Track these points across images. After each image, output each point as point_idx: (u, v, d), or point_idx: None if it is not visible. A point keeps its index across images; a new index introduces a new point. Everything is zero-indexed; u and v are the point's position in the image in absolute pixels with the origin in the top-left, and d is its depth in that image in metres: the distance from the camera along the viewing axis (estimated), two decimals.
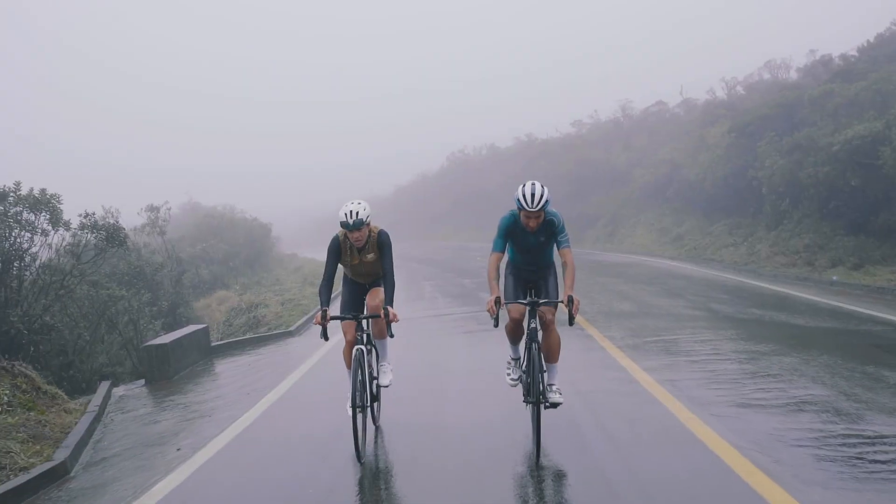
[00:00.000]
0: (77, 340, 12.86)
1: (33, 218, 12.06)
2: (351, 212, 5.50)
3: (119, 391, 9.65)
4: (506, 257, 5.62)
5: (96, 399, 8.58)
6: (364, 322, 5.78)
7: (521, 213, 5.28)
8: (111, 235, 12.69)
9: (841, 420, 5.63)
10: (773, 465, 4.67)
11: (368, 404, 5.70)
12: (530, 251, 5.55)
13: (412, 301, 16.18)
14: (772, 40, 66.00)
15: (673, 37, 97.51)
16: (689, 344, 9.13)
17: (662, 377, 7.23)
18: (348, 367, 5.71)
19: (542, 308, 5.43)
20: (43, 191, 12.31)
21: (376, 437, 5.96)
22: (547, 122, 63.14)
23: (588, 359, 8.49)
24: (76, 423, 7.25)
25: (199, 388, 9.36)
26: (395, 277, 5.76)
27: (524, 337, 5.50)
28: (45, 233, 11.98)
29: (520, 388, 5.65)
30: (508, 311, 5.54)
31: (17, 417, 6.90)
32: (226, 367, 10.80)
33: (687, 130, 38.14)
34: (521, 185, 5.26)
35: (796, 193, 21.10)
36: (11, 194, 12.08)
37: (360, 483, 5.01)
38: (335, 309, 5.65)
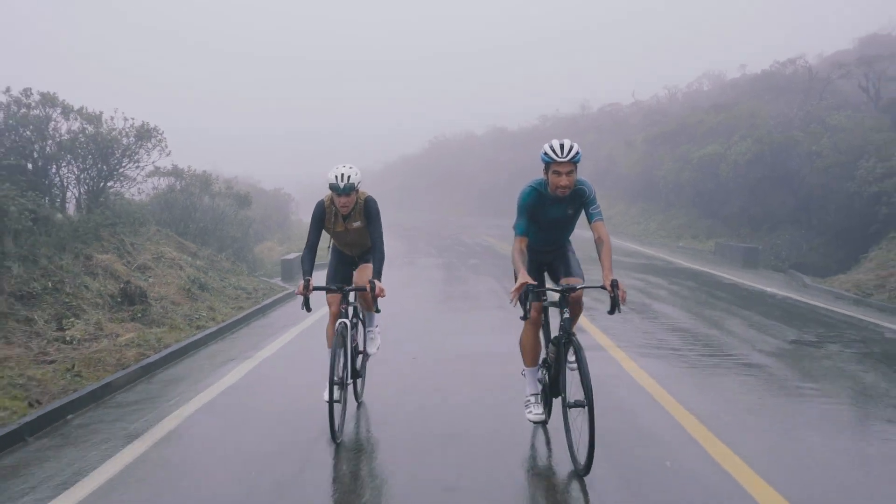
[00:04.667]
0: None
1: (198, 190, 20.72)
2: (342, 175, 5.23)
3: (269, 280, 18.43)
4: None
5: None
6: (350, 294, 5.57)
7: (550, 172, 4.55)
8: (242, 200, 21.39)
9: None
10: None
11: (350, 381, 5.58)
12: (554, 227, 4.88)
13: (412, 252, 25.02)
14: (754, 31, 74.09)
15: (659, 23, 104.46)
16: None
17: None
18: (329, 344, 5.50)
19: (573, 279, 4.89)
20: (204, 172, 20.92)
21: (358, 413, 5.95)
22: (520, 111, 71.44)
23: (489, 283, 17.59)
24: (272, 284, 16.04)
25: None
26: (385, 247, 5.61)
27: (545, 346, 5.04)
28: (211, 196, 20.68)
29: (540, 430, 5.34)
30: (528, 311, 4.81)
31: (246, 275, 15.75)
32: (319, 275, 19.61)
33: (626, 132, 47.23)
34: (547, 143, 4.57)
35: (678, 189, 30.36)
36: (184, 172, 20.68)
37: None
38: (319, 280, 5.41)
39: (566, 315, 4.64)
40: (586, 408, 4.36)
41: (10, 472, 4.99)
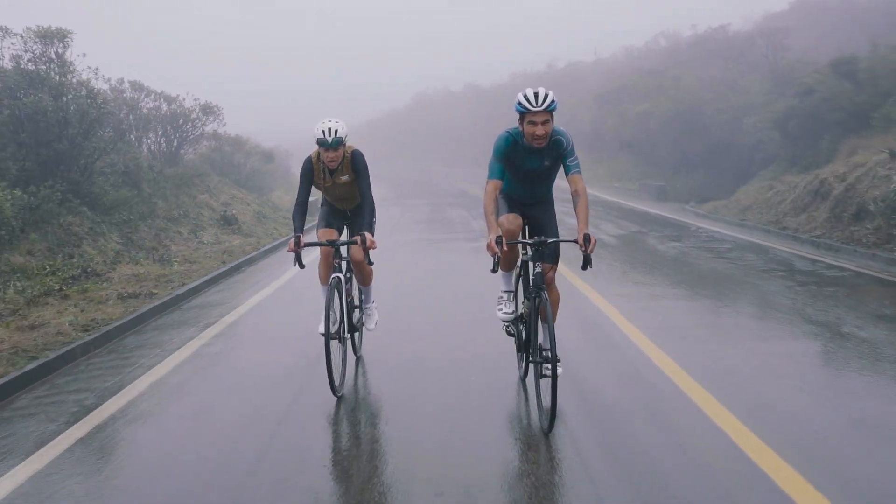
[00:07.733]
0: None
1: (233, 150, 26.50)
2: (329, 129, 5.28)
3: None
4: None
5: None
6: (342, 249, 5.63)
7: (525, 122, 4.45)
8: (267, 157, 27.26)
9: None
10: None
11: (347, 335, 5.71)
12: (531, 178, 4.80)
13: (402, 195, 31.08)
14: None
15: None
16: None
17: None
18: (322, 281, 5.68)
19: (545, 265, 4.72)
20: (237, 135, 26.68)
21: (357, 368, 6.06)
22: (496, 66, 76.38)
23: (461, 212, 23.66)
24: None
25: None
26: (375, 199, 5.74)
27: (520, 269, 5.04)
28: (244, 154, 26.49)
29: (511, 339, 5.38)
30: (500, 224, 4.75)
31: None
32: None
33: (588, 88, 52.99)
34: (521, 92, 4.46)
35: (622, 140, 36.52)
36: (221, 136, 26.43)
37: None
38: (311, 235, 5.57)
39: (538, 269, 4.63)
40: (542, 365, 4.46)
41: (234, 284, 11.07)
